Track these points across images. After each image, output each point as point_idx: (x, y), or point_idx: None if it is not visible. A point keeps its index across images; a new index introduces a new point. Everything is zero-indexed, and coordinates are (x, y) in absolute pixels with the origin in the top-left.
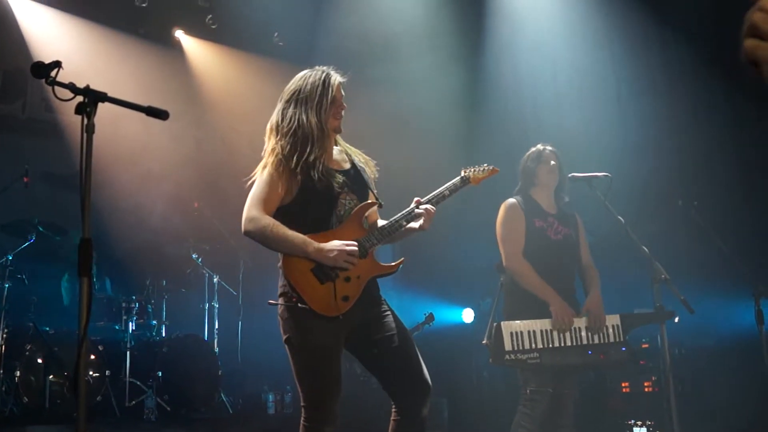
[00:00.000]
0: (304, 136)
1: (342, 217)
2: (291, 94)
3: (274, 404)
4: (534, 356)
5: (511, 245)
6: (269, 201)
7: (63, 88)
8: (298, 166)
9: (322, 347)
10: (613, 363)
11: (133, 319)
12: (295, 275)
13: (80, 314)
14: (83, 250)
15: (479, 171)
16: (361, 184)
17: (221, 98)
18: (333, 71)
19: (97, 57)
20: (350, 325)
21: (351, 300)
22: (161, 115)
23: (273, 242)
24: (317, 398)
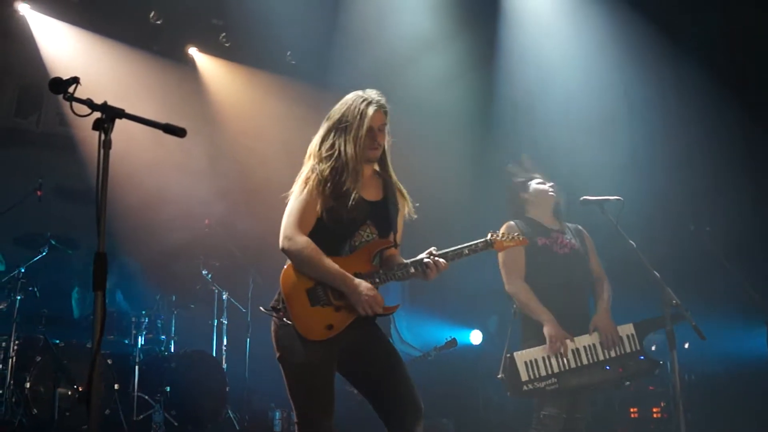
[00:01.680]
0: (341, 165)
1: (355, 248)
2: (334, 120)
3: (280, 422)
4: (552, 382)
5: (510, 270)
6: (307, 220)
7: (80, 104)
8: (332, 190)
9: (310, 365)
10: (632, 374)
11: (143, 333)
12: (289, 291)
13: (94, 329)
14: (98, 265)
15: (507, 238)
16: (386, 220)
17: (234, 116)
18: (375, 98)
19: (111, 73)
20: (339, 346)
21: (334, 330)
22: (179, 133)
23: (308, 266)
24: (309, 415)
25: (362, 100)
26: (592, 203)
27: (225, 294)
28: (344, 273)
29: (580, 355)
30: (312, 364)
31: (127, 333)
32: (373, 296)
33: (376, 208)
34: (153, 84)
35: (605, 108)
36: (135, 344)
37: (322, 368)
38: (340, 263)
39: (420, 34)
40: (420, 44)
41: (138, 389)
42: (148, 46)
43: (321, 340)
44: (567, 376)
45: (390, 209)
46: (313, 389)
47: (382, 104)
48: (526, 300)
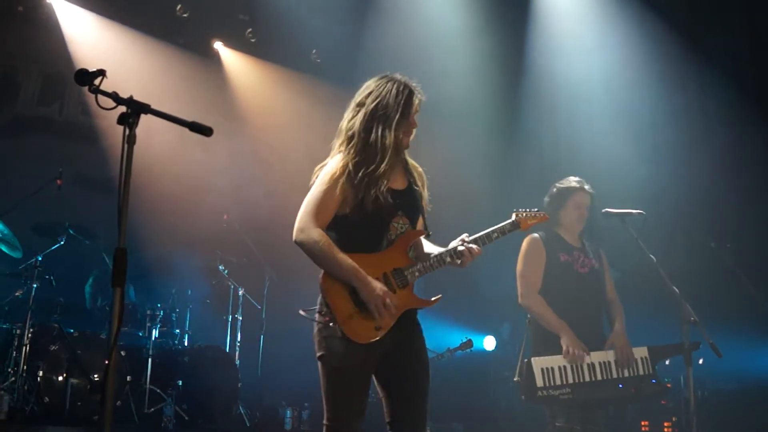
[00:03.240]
0: (376, 152)
1: (392, 240)
2: (371, 106)
3: (291, 420)
4: (566, 392)
5: (527, 283)
6: (325, 212)
7: (106, 97)
8: (362, 181)
9: (352, 370)
10: (644, 396)
11: (157, 326)
12: (332, 294)
13: (111, 324)
14: (118, 261)
15: (530, 216)
16: (415, 208)
17: (256, 112)
18: (412, 85)
19: (135, 63)
20: (382, 349)
21: (383, 330)
22: (205, 132)
23: (320, 260)
24: (341, 419)
25: (402, 86)
26: (614, 216)
27: (241, 290)
28: (357, 268)
29: (595, 370)
30: (355, 368)
31: (141, 325)
32: (382, 296)
33: (404, 196)
34: (177, 77)
35: (629, 117)
36: (149, 337)
37: (363, 373)
38: (379, 259)
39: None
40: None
41: (150, 382)
42: (173, 39)
43: (363, 345)
44: (581, 389)
45: (416, 196)
46: (351, 393)
47: (419, 90)
48: (542, 312)
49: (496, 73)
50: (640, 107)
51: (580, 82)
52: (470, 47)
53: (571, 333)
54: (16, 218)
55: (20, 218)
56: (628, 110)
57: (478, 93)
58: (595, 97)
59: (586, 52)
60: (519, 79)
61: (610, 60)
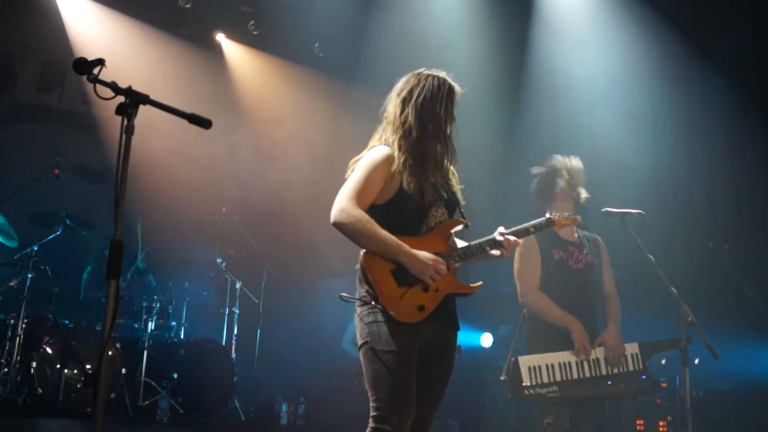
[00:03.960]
0: (422, 142)
1: (431, 228)
2: (419, 100)
3: (286, 414)
4: (553, 390)
5: (525, 281)
6: (365, 197)
7: (105, 86)
8: (414, 173)
9: (398, 354)
10: (633, 392)
11: (153, 319)
12: (374, 273)
13: (105, 317)
14: (114, 253)
15: (563, 217)
16: (452, 200)
17: (257, 104)
18: (452, 81)
19: (136, 53)
20: (423, 337)
21: (426, 311)
22: (203, 124)
23: (363, 238)
24: (388, 408)
25: (443, 81)
26: (614, 215)
27: (238, 283)
28: (400, 242)
29: (583, 367)
30: (402, 349)
31: (137, 317)
32: (435, 259)
33: (442, 188)
34: (178, 68)
35: (630, 118)
36: (145, 329)
37: (410, 355)
38: (418, 243)
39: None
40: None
41: (145, 375)
42: (174, 30)
43: (412, 324)
44: (568, 386)
45: (452, 188)
46: (400, 379)
47: (458, 85)
48: (547, 308)
49: (498, 68)
50: (642, 106)
51: (581, 79)
52: (472, 41)
53: (578, 324)
54: (13, 207)
55: (17, 207)
56: (629, 109)
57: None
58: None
59: (588, 49)
60: (521, 74)
61: (612, 57)
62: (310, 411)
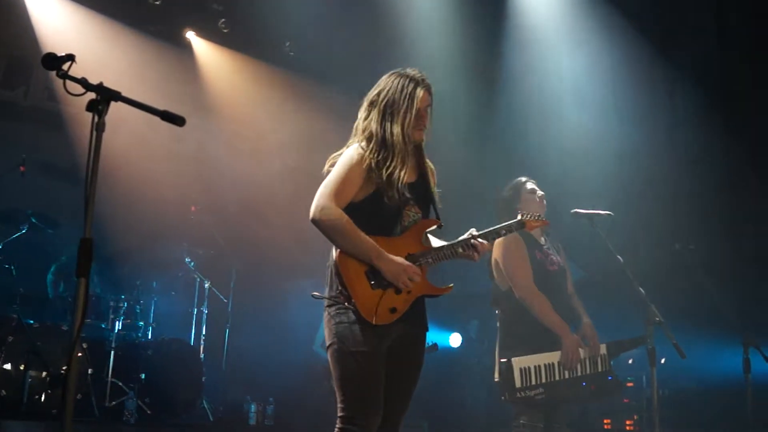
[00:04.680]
0: (390, 148)
1: (405, 228)
2: (381, 103)
3: (255, 415)
4: (540, 392)
5: (522, 276)
6: (344, 195)
7: (75, 82)
8: (381, 179)
9: (366, 354)
10: (602, 393)
11: (121, 318)
12: (348, 273)
13: (75, 316)
14: (83, 251)
15: (533, 218)
16: (427, 200)
17: (227, 103)
18: (420, 78)
19: (104, 50)
20: (392, 337)
21: (398, 313)
22: (177, 121)
23: (341, 237)
24: (355, 408)
25: (408, 80)
26: (583, 216)
27: (207, 283)
28: (377, 246)
29: (564, 369)
30: (371, 351)
31: (104, 317)
32: (409, 266)
33: (416, 188)
34: (147, 65)
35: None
36: (112, 329)
37: (379, 357)
38: (392, 244)
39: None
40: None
41: (112, 375)
42: (144, 27)
43: (380, 327)
44: (552, 388)
45: (428, 188)
46: (368, 379)
47: (428, 84)
48: (546, 309)
49: (470, 70)
50: (609, 109)
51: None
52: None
53: (571, 333)
54: None
55: None
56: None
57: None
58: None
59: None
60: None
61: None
62: (278, 411)
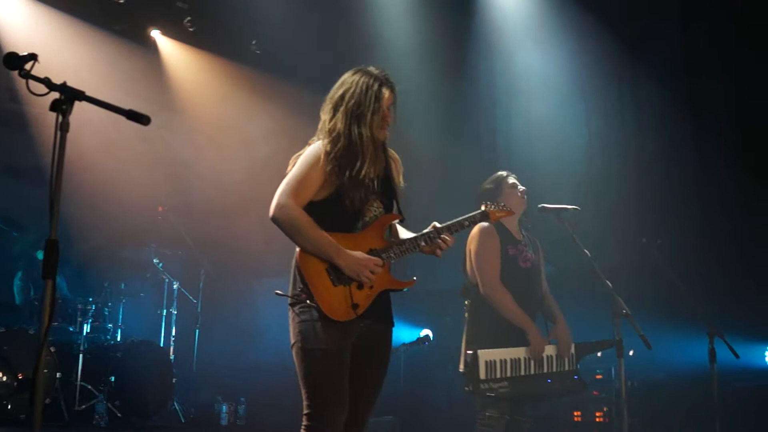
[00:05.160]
0: (357, 150)
1: (367, 223)
2: (349, 105)
3: (227, 415)
4: (504, 386)
5: (489, 272)
6: (304, 194)
7: (38, 82)
8: (346, 179)
9: (329, 352)
10: (566, 391)
11: (89, 321)
12: (309, 271)
13: (42, 319)
14: (50, 253)
15: (498, 209)
16: (389, 194)
17: (194, 102)
18: (383, 77)
19: (67, 49)
20: (357, 334)
21: (360, 309)
22: (142, 120)
23: (300, 236)
24: (320, 406)
25: (373, 79)
26: (550, 211)
27: (176, 284)
28: (336, 244)
29: (530, 365)
30: (334, 348)
31: (72, 320)
32: (370, 260)
33: (378, 183)
34: (111, 65)
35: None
36: (80, 332)
37: (342, 354)
38: (354, 240)
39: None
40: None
41: (81, 378)
42: (108, 26)
43: (344, 323)
44: (517, 383)
45: (392, 183)
46: (332, 376)
47: (392, 83)
48: (509, 305)
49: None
50: (576, 105)
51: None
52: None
53: (535, 328)
54: None
55: None
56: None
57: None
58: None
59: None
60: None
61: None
62: (250, 411)
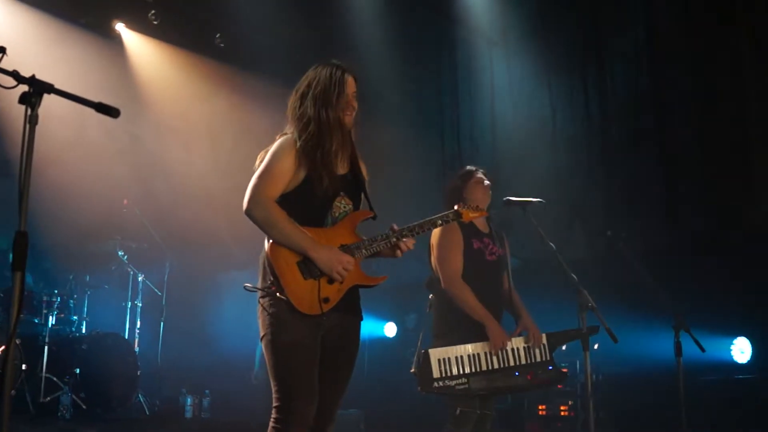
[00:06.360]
0: (326, 130)
1: (336, 219)
2: (316, 91)
3: (191, 408)
4: (462, 381)
5: (450, 267)
6: (277, 186)
7: (6, 75)
8: (318, 160)
9: (299, 344)
10: (540, 383)
11: (54, 313)
12: (280, 264)
13: (11, 311)
14: (18, 245)
15: (470, 209)
16: (357, 191)
17: (159, 95)
18: (346, 65)
19: (32, 42)
20: (326, 327)
21: (331, 303)
22: (112, 113)
23: (274, 229)
24: (290, 398)
25: (335, 68)
26: (515, 204)
27: (141, 276)
28: (310, 237)
29: (492, 359)
30: (304, 340)
31: (37, 312)
32: (342, 255)
33: (346, 180)
34: (76, 58)
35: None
36: (45, 324)
37: (312, 347)
38: (325, 235)
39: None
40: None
41: (46, 370)
42: (73, 19)
43: (313, 316)
44: (477, 378)
45: (360, 180)
46: (301, 369)
47: (353, 71)
48: (469, 300)
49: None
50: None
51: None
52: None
53: (495, 322)
54: None
55: None
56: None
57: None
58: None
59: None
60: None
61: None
62: (214, 404)
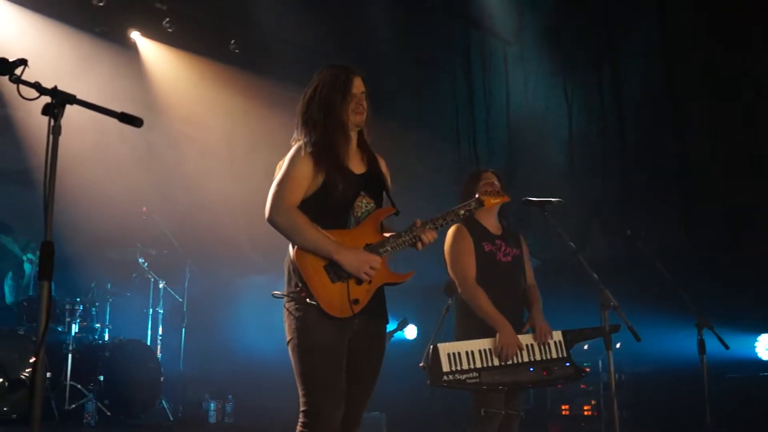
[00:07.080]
0: (328, 135)
1: (359, 219)
2: (321, 94)
3: (215, 413)
4: (473, 375)
5: (463, 272)
6: (297, 192)
7: (28, 87)
8: (325, 161)
9: (326, 348)
10: (556, 378)
11: (77, 321)
12: (307, 271)
13: (39, 320)
14: (45, 254)
15: (491, 195)
16: (378, 189)
17: (175, 102)
18: (351, 67)
19: (49, 52)
20: (352, 330)
21: (360, 304)
22: (135, 122)
23: (298, 235)
24: (317, 402)
25: (340, 70)
26: (534, 204)
27: (162, 283)
28: (334, 241)
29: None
30: (332, 343)
31: (60, 320)
32: (369, 256)
33: (364, 179)
34: (93, 67)
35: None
36: (68, 332)
37: (340, 350)
38: (350, 236)
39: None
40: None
41: (71, 378)
42: (88, 28)
43: (341, 320)
44: (488, 373)
45: (379, 178)
46: (329, 373)
47: (359, 72)
48: (483, 305)
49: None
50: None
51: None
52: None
53: (509, 328)
54: None
55: None
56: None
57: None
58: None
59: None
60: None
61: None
62: (238, 408)
